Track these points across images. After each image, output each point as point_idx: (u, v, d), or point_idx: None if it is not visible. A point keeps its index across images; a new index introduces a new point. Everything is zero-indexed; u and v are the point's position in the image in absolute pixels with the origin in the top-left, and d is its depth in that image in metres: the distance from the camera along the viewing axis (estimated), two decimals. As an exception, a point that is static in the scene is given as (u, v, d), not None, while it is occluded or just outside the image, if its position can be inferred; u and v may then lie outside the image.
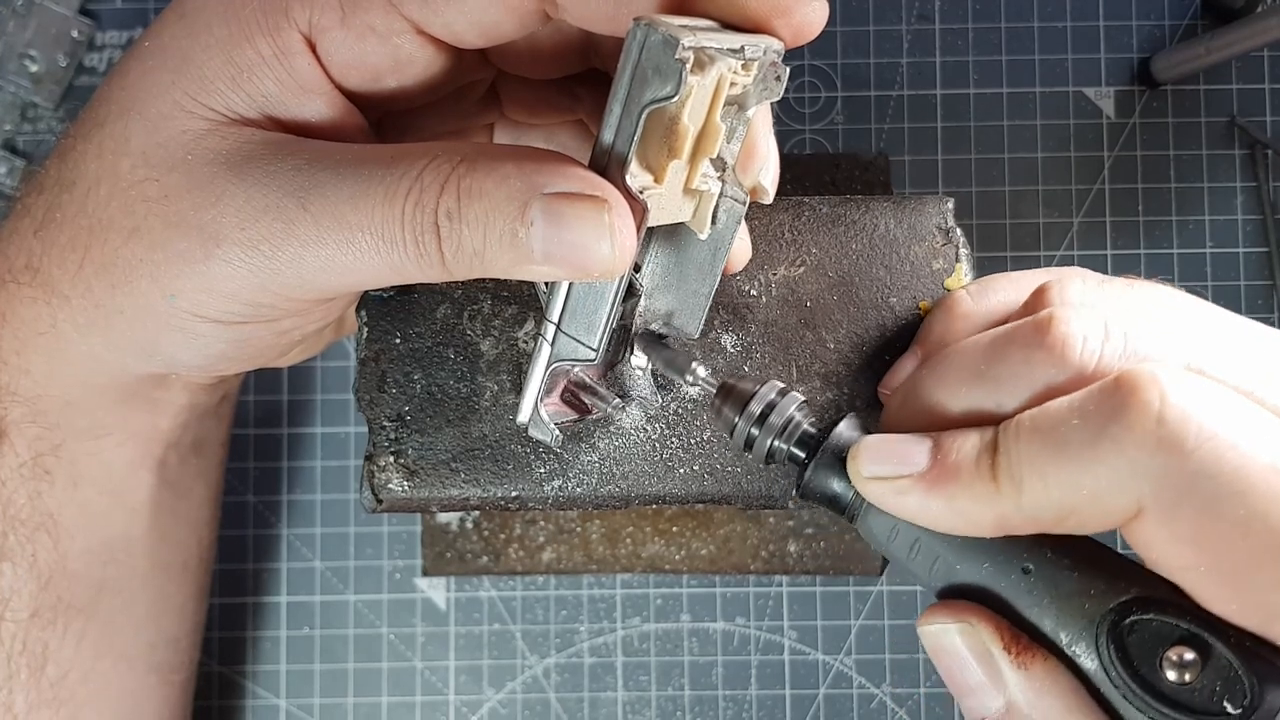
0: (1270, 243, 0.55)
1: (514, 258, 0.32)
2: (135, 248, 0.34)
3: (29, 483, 0.40)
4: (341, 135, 0.36)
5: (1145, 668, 0.29)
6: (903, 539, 0.33)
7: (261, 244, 0.33)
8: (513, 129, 0.42)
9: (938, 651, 0.33)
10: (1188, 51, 0.54)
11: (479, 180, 0.31)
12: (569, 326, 0.34)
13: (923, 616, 0.33)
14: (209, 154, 0.34)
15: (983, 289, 0.38)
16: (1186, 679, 0.29)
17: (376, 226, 0.32)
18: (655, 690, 0.55)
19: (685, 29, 0.29)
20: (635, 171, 0.32)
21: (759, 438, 0.35)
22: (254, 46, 0.34)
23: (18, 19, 0.56)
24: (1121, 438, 0.29)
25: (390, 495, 0.39)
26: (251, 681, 0.55)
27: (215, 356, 0.37)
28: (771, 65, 0.32)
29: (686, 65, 0.29)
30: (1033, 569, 0.31)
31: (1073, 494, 0.29)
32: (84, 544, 0.41)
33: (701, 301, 0.37)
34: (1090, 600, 0.30)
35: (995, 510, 0.31)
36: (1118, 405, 0.29)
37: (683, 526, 0.54)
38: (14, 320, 0.38)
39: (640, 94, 0.30)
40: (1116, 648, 0.30)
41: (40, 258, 0.37)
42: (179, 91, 0.34)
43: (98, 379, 0.39)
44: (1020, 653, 0.31)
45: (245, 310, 0.35)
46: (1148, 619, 0.29)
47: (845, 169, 0.55)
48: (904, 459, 0.32)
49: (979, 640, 0.31)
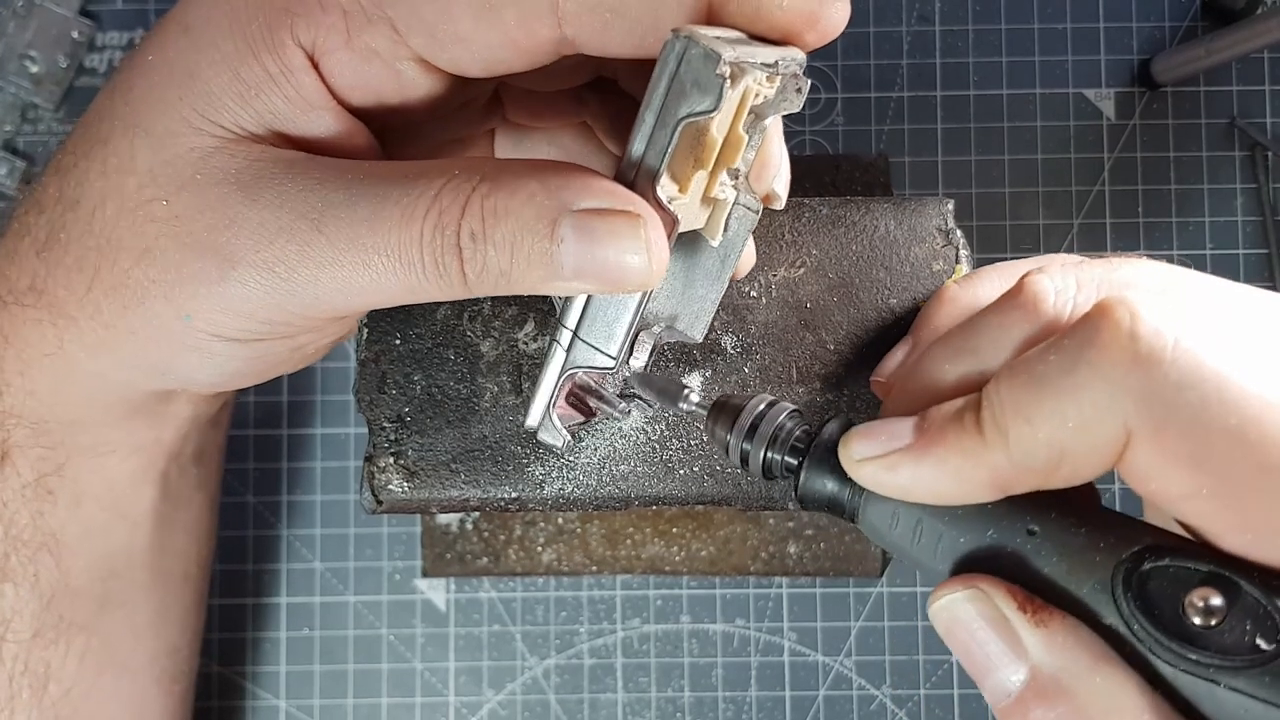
0: (1270, 244, 0.55)
1: (543, 275, 0.31)
2: (147, 269, 0.34)
3: (31, 503, 0.39)
4: (350, 150, 0.35)
5: (1168, 615, 0.28)
6: (904, 524, 0.32)
7: (277, 266, 0.33)
8: (514, 132, 0.42)
9: (951, 626, 0.31)
10: (1188, 53, 0.54)
11: (504, 200, 0.31)
12: (587, 334, 0.34)
13: (932, 595, 0.32)
14: (218, 173, 0.33)
15: (971, 280, 0.38)
16: (1213, 622, 0.28)
17: (393, 249, 0.32)
18: (655, 691, 0.55)
19: (720, 41, 0.29)
20: (665, 184, 0.31)
21: (752, 451, 0.34)
22: (260, 63, 0.33)
23: (18, 20, 0.56)
24: (1097, 360, 0.28)
25: (390, 496, 0.39)
26: (251, 682, 0.55)
27: (231, 373, 0.37)
28: (794, 77, 0.32)
29: (727, 80, 0.29)
30: (1038, 530, 0.30)
31: (1059, 429, 0.29)
32: (86, 561, 0.41)
33: (708, 307, 0.37)
34: (1101, 554, 0.29)
35: (986, 463, 0.30)
36: (1090, 331, 0.29)
37: (683, 528, 0.54)
38: (18, 342, 0.37)
39: (676, 106, 0.30)
40: (1136, 598, 0.28)
41: (45, 279, 0.36)
42: (186, 108, 0.34)
43: (105, 398, 0.38)
44: (1036, 611, 0.30)
45: (262, 329, 0.35)
46: (1164, 565, 0.28)
47: (845, 170, 0.55)
48: (892, 435, 0.32)
49: (992, 606, 0.30)
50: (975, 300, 0.37)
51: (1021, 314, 0.32)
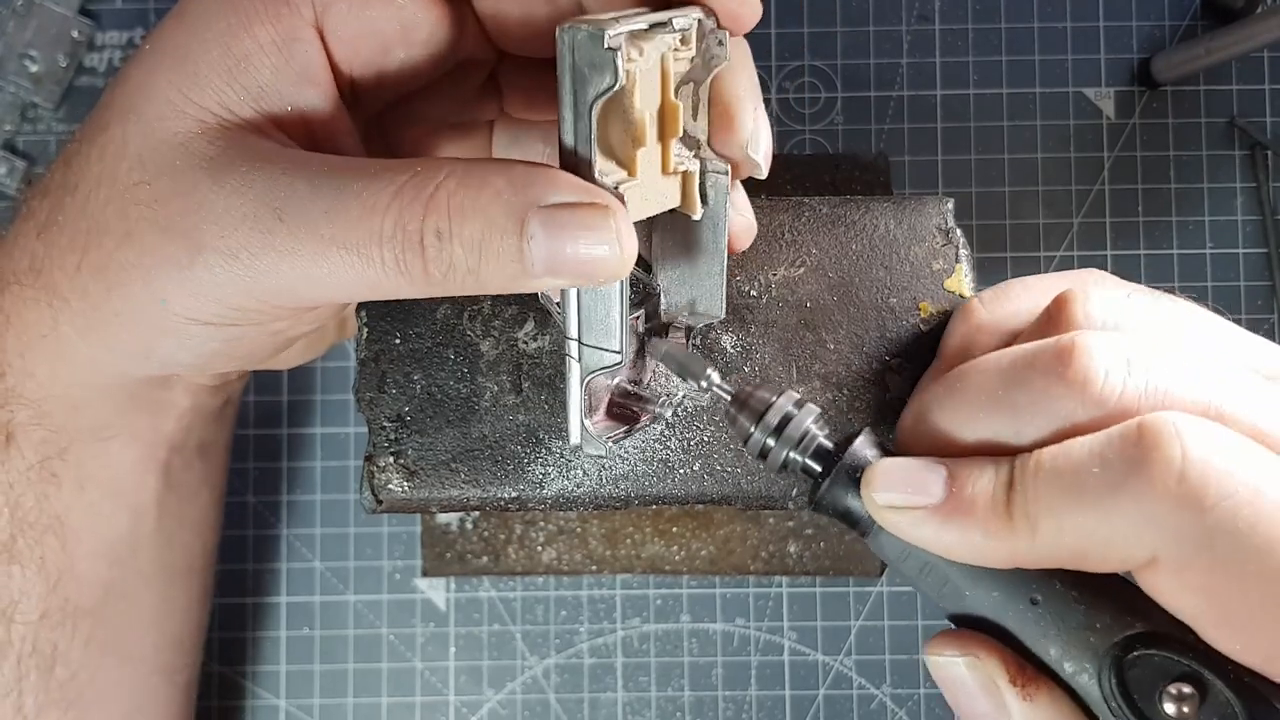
0: (1270, 244, 0.55)
1: (514, 272, 0.31)
2: (128, 252, 0.34)
3: (36, 485, 0.40)
4: (331, 133, 0.36)
5: (1144, 702, 0.30)
6: (913, 562, 0.33)
7: (240, 252, 0.33)
8: (512, 128, 0.42)
9: (945, 681, 0.33)
10: (1188, 52, 0.54)
11: (470, 198, 0.31)
12: (588, 337, 0.34)
13: (930, 645, 0.33)
14: (195, 158, 0.34)
15: (997, 296, 0.37)
16: (1185, 712, 0.29)
17: (353, 243, 0.31)
18: (655, 691, 0.55)
19: (610, 20, 0.30)
20: (605, 169, 0.32)
21: (774, 449, 0.35)
22: (252, 35, 0.34)
23: (18, 19, 0.56)
24: (1142, 492, 0.29)
25: (390, 496, 0.39)
26: (251, 682, 0.55)
27: (210, 355, 0.37)
28: (711, 32, 0.33)
29: (618, 52, 0.29)
30: (1040, 600, 0.32)
31: (1086, 540, 0.30)
32: (91, 546, 0.42)
33: (717, 281, 0.37)
34: (1096, 634, 0.31)
35: (1008, 546, 0.31)
36: (1140, 458, 0.29)
37: (683, 527, 0.54)
38: (18, 323, 0.38)
39: (584, 92, 0.30)
40: (1118, 681, 0.30)
41: (43, 260, 0.37)
42: (174, 90, 0.34)
43: (100, 381, 0.39)
44: (1025, 684, 0.31)
45: (233, 314, 0.35)
46: (1150, 654, 0.30)
47: (845, 170, 0.55)
48: (919, 488, 0.32)
49: (985, 673, 0.32)
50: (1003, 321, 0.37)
51: (1066, 390, 0.31)
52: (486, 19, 0.37)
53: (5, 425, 0.39)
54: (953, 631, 0.33)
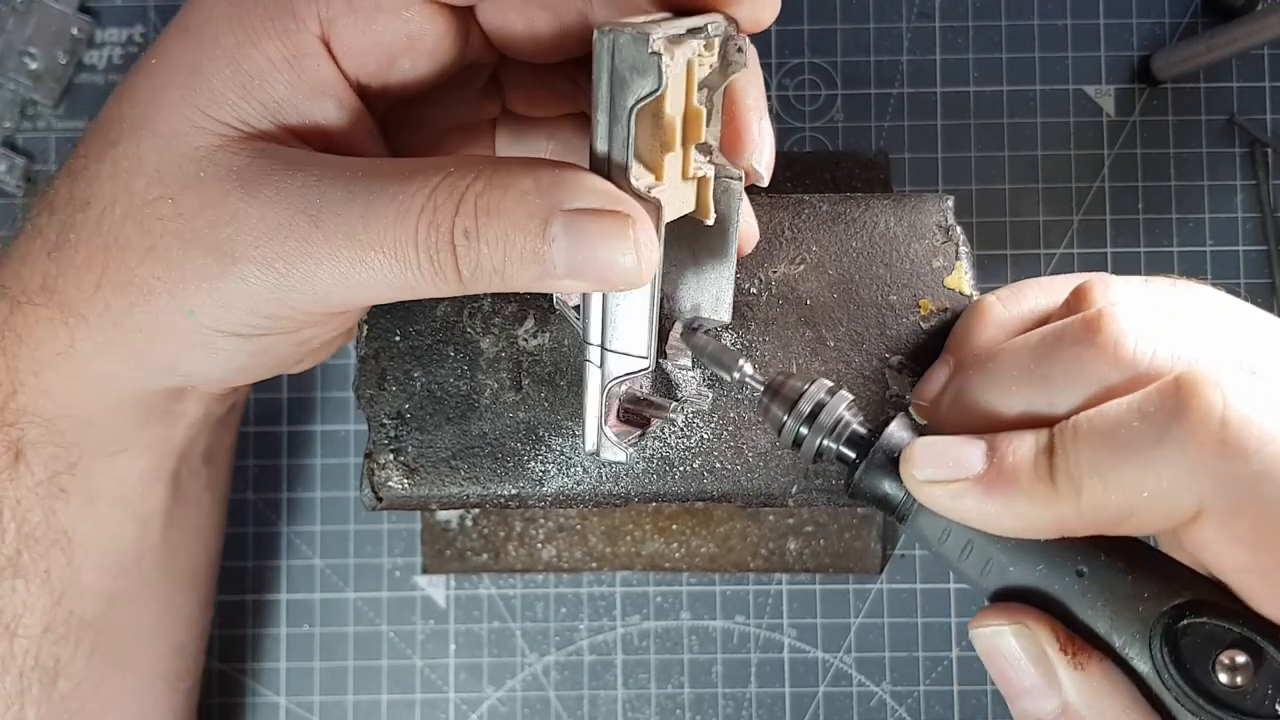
0: (1270, 241, 0.55)
1: (536, 273, 0.32)
2: (152, 266, 0.34)
3: (44, 501, 0.40)
4: (352, 139, 0.36)
5: (1198, 670, 0.30)
6: (954, 541, 0.33)
7: (276, 261, 0.33)
8: (515, 126, 0.42)
9: (991, 653, 0.33)
10: (1188, 49, 0.54)
11: (496, 198, 0.31)
12: (614, 344, 0.34)
13: (975, 618, 0.33)
14: (221, 170, 0.33)
15: (1014, 294, 0.38)
16: (1239, 681, 0.29)
17: (389, 245, 0.32)
18: (655, 688, 0.55)
19: (649, 24, 0.30)
20: (638, 174, 0.32)
21: (808, 437, 0.35)
22: (262, 51, 0.34)
23: (17, 16, 0.55)
24: (1185, 440, 0.29)
25: (390, 493, 0.39)
26: (251, 679, 0.55)
27: (236, 369, 0.37)
28: (730, 39, 0.32)
29: (662, 56, 0.29)
30: (1087, 571, 0.31)
31: (1133, 496, 0.30)
32: (97, 558, 0.41)
33: (726, 286, 0.37)
34: (1145, 603, 0.31)
35: (1054, 512, 0.31)
36: (1179, 407, 0.29)
37: (682, 524, 0.54)
38: (31, 341, 0.37)
39: (623, 97, 0.30)
40: (1170, 650, 0.30)
41: (56, 278, 0.36)
42: (189, 107, 0.34)
43: (116, 396, 0.39)
44: (1076, 654, 0.31)
45: (264, 323, 0.35)
46: (1201, 622, 0.30)
47: (845, 167, 0.55)
48: (959, 462, 0.32)
49: (1034, 642, 0.32)
50: (1020, 318, 0.37)
51: (1098, 354, 0.32)
52: (490, 30, 0.36)
53: (15, 442, 0.39)
54: (999, 604, 0.33)
